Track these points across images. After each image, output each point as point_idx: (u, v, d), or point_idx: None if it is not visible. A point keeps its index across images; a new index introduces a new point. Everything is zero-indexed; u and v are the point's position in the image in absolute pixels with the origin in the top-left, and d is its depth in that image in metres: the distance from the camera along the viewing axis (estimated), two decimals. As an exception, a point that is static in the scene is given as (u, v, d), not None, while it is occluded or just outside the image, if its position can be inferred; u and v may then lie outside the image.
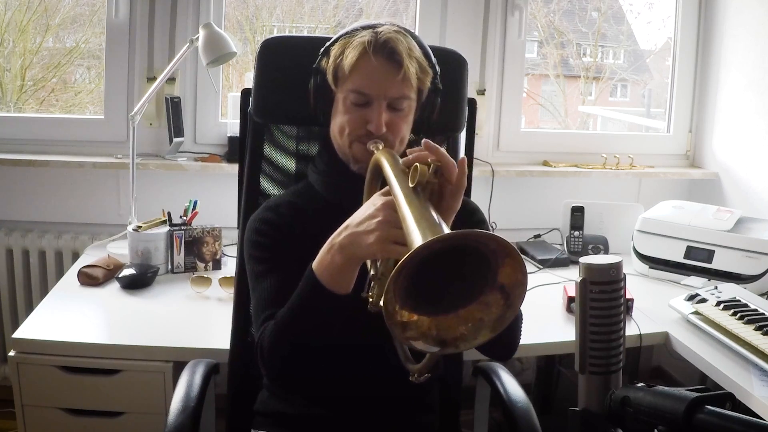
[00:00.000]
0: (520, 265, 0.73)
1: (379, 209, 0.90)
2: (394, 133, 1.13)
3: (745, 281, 1.91)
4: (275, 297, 1.10)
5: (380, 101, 1.11)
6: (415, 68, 1.12)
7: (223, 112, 2.32)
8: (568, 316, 1.74)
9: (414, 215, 0.79)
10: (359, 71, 1.11)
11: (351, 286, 0.98)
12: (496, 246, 0.72)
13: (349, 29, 1.15)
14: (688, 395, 0.69)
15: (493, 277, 0.74)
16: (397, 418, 1.24)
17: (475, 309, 0.75)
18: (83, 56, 2.44)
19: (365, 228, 0.90)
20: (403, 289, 0.72)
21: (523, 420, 1.23)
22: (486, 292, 0.74)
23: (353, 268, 0.96)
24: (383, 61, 1.10)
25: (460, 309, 0.75)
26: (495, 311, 0.75)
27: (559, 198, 2.37)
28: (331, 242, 0.96)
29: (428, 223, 0.77)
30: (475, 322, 0.75)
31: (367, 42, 1.09)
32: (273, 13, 2.55)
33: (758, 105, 2.28)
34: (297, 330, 1.03)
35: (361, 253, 0.92)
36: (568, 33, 2.71)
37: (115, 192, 2.25)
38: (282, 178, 1.37)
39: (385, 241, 0.88)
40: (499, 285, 0.74)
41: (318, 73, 1.17)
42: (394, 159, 0.98)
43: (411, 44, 1.13)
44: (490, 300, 0.75)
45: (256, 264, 1.17)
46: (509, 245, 0.72)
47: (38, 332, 1.49)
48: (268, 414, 1.26)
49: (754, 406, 1.33)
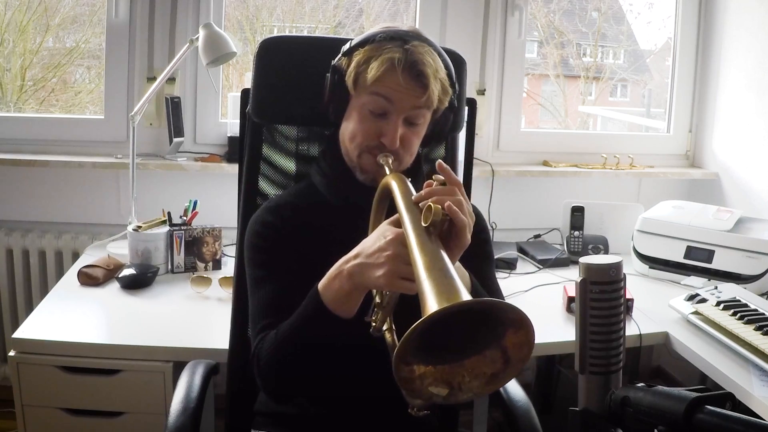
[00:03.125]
0: (530, 338, 0.72)
1: (389, 243, 0.89)
2: (405, 149, 1.12)
3: (745, 281, 1.91)
4: (273, 305, 1.09)
5: (398, 115, 1.10)
6: (438, 90, 1.11)
7: (223, 112, 2.32)
8: (568, 316, 1.74)
9: (425, 263, 0.78)
10: (383, 85, 1.08)
11: (355, 311, 0.98)
12: (513, 316, 0.71)
13: (377, 35, 1.11)
14: (688, 395, 0.69)
15: (500, 336, 0.73)
16: (397, 419, 1.24)
17: (479, 361, 0.74)
18: (83, 56, 2.44)
19: (375, 260, 0.90)
20: (413, 347, 0.71)
21: (523, 420, 1.23)
22: (490, 347, 0.74)
23: (360, 295, 0.97)
24: (409, 80, 1.08)
25: (465, 360, 0.75)
26: (497, 366, 0.74)
27: (559, 198, 2.37)
28: (339, 268, 0.96)
29: (441, 274, 0.76)
30: (479, 374, 0.75)
31: (397, 60, 1.07)
32: (273, 13, 2.55)
33: (758, 105, 2.28)
34: (296, 349, 1.02)
35: (369, 283, 0.93)
36: (568, 33, 2.71)
37: (115, 192, 2.25)
38: (281, 179, 1.37)
39: (394, 276, 0.88)
40: (502, 347, 0.73)
41: (336, 71, 1.14)
42: (406, 188, 0.97)
43: (438, 64, 1.11)
44: (494, 356, 0.74)
45: (255, 268, 1.16)
46: (525, 319, 0.71)
47: (38, 332, 1.49)
48: (268, 414, 1.26)
49: (754, 406, 1.33)
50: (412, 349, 0.71)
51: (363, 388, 1.18)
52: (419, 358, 0.73)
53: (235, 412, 1.38)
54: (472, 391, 0.75)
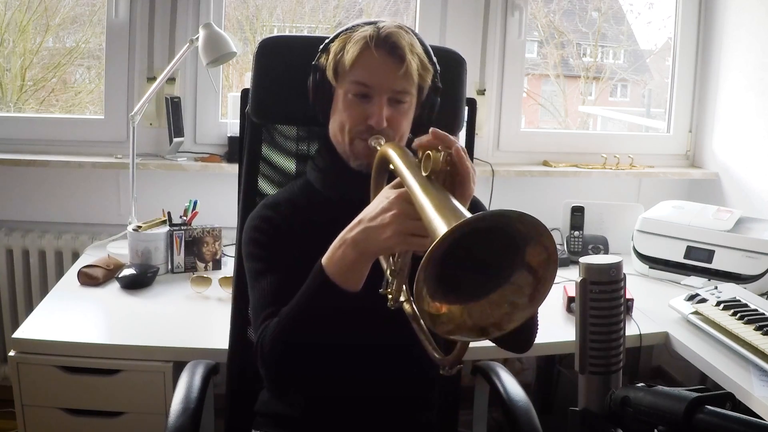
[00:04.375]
0: (550, 243, 0.70)
1: (393, 202, 0.88)
2: (394, 128, 1.12)
3: (745, 281, 1.91)
4: (274, 295, 1.09)
5: (381, 95, 1.10)
6: (416, 64, 1.11)
7: (223, 112, 2.32)
8: (568, 316, 1.74)
9: (434, 203, 0.76)
10: (361, 65, 1.10)
11: (362, 283, 0.96)
12: (523, 227, 0.69)
13: (349, 26, 1.15)
14: (688, 395, 0.69)
15: (521, 257, 0.71)
16: (397, 419, 1.24)
17: (507, 291, 0.73)
18: (83, 56, 2.44)
19: (380, 222, 0.88)
20: (432, 280, 0.69)
21: (523, 419, 1.23)
22: (515, 273, 0.72)
23: (366, 264, 0.94)
24: (385, 55, 1.09)
25: (491, 293, 0.73)
26: (527, 291, 0.72)
27: (559, 198, 2.37)
28: (343, 238, 0.94)
29: (450, 209, 0.75)
30: (509, 305, 0.73)
31: (369, 36, 1.09)
32: (273, 13, 2.55)
33: (758, 105, 2.27)
34: (302, 327, 1.00)
35: (377, 247, 0.90)
36: (568, 33, 2.71)
37: (115, 192, 2.25)
38: (280, 179, 1.37)
39: (403, 234, 0.86)
40: (527, 265, 0.72)
41: (317, 70, 1.16)
42: (402, 150, 0.97)
43: (413, 40, 1.12)
44: (521, 281, 0.72)
45: (254, 262, 1.16)
46: (539, 224, 0.69)
47: (38, 332, 1.49)
48: (268, 414, 1.26)
49: (754, 406, 1.33)
50: (432, 284, 0.69)
51: (363, 388, 1.18)
52: (442, 296, 0.71)
53: (235, 412, 1.38)
54: (508, 323, 0.73)
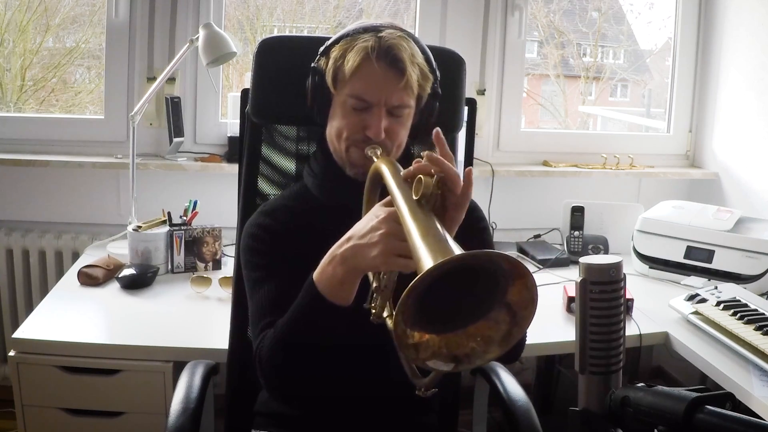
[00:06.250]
0: (532, 286, 0.72)
1: (382, 221, 0.88)
2: (392, 139, 1.12)
3: (745, 281, 1.91)
4: (273, 305, 1.09)
5: (380, 107, 1.10)
6: (417, 75, 1.11)
7: (223, 112, 2.32)
8: (568, 316, 1.74)
9: (420, 231, 0.77)
10: (360, 76, 1.09)
11: (352, 297, 0.96)
12: (507, 266, 0.71)
13: (350, 30, 1.13)
14: (688, 395, 0.69)
15: (501, 294, 0.73)
16: (397, 419, 1.24)
17: (484, 326, 0.74)
18: (83, 56, 2.44)
19: (368, 240, 0.89)
20: (412, 310, 0.70)
21: (523, 419, 1.23)
22: (494, 309, 0.73)
23: (355, 280, 0.95)
24: (386, 67, 1.08)
25: (469, 326, 0.74)
26: (503, 328, 0.74)
27: (559, 198, 2.37)
28: (333, 254, 0.95)
29: (435, 239, 0.75)
30: (485, 339, 0.74)
31: (371, 47, 1.08)
32: (273, 13, 2.55)
33: (758, 105, 2.28)
34: (296, 341, 1.01)
35: (364, 265, 0.91)
36: (568, 33, 2.71)
37: (115, 192, 2.25)
38: (280, 179, 1.37)
39: (389, 254, 0.86)
40: (506, 303, 0.73)
41: (316, 73, 1.15)
42: (395, 168, 0.96)
43: (414, 50, 1.11)
44: (498, 317, 0.73)
45: (252, 270, 1.15)
46: (521, 266, 0.71)
47: (38, 332, 1.49)
48: (268, 414, 1.26)
49: (754, 406, 1.33)
50: (412, 313, 0.70)
51: (363, 389, 1.18)
52: (421, 325, 0.72)
53: (235, 412, 1.38)
54: (480, 358, 0.74)
